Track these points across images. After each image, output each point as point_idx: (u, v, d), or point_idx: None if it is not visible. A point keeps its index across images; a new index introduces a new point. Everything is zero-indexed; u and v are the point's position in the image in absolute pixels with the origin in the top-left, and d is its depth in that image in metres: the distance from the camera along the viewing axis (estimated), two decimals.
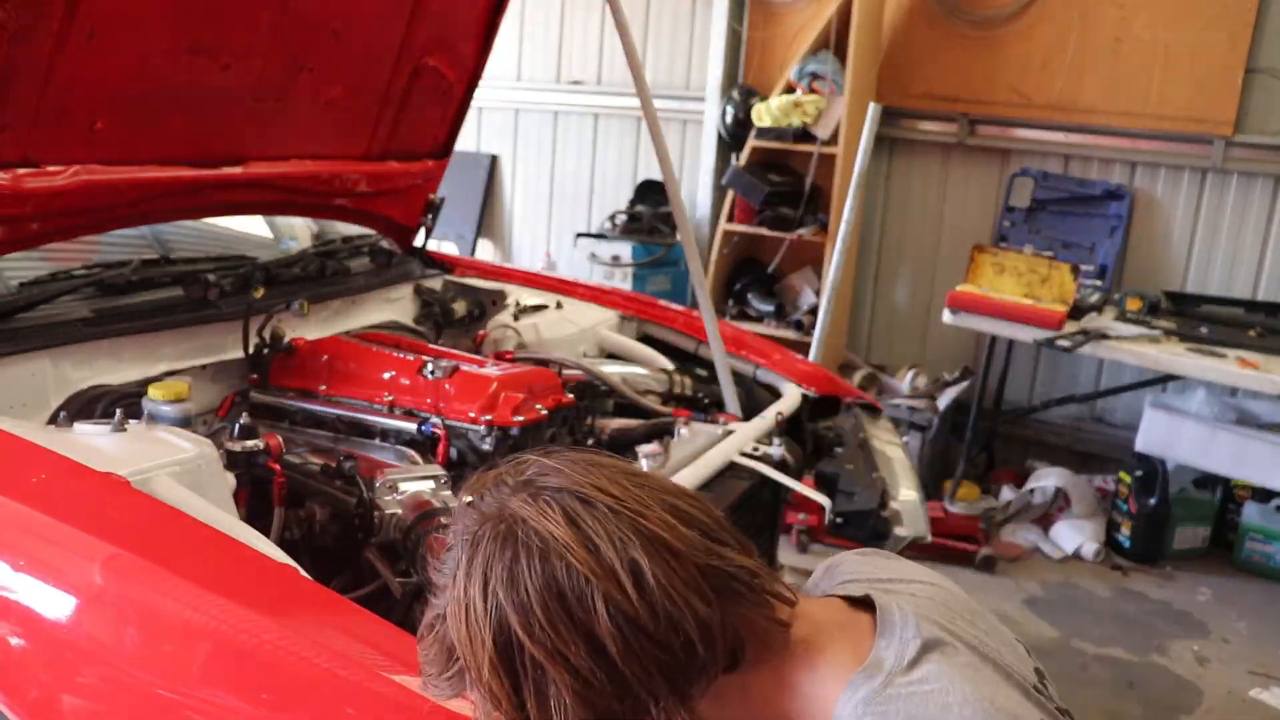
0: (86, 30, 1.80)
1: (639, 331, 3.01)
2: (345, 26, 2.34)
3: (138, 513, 1.42)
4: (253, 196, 2.44)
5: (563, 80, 5.95)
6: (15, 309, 1.97)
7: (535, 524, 0.90)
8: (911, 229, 5.15)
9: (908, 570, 1.15)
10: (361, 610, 1.31)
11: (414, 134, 2.78)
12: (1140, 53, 4.47)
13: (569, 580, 0.88)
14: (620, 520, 0.90)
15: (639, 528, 0.90)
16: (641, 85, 2.44)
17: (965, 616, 1.07)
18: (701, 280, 2.61)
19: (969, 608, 1.10)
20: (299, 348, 2.28)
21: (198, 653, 1.21)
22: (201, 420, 2.12)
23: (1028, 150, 4.82)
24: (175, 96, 2.08)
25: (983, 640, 1.03)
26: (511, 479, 0.97)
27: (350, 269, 2.76)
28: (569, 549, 0.88)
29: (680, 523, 0.93)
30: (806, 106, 4.81)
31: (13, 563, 1.33)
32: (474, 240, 6.24)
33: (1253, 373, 3.63)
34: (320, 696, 1.16)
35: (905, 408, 4.52)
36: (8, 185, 1.83)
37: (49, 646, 1.28)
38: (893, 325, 5.28)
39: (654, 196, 5.59)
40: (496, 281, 3.06)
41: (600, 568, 0.88)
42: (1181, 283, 4.60)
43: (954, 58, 4.83)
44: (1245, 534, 4.18)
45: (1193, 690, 3.27)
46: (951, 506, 4.26)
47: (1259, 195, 4.42)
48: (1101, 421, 4.85)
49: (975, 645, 1.01)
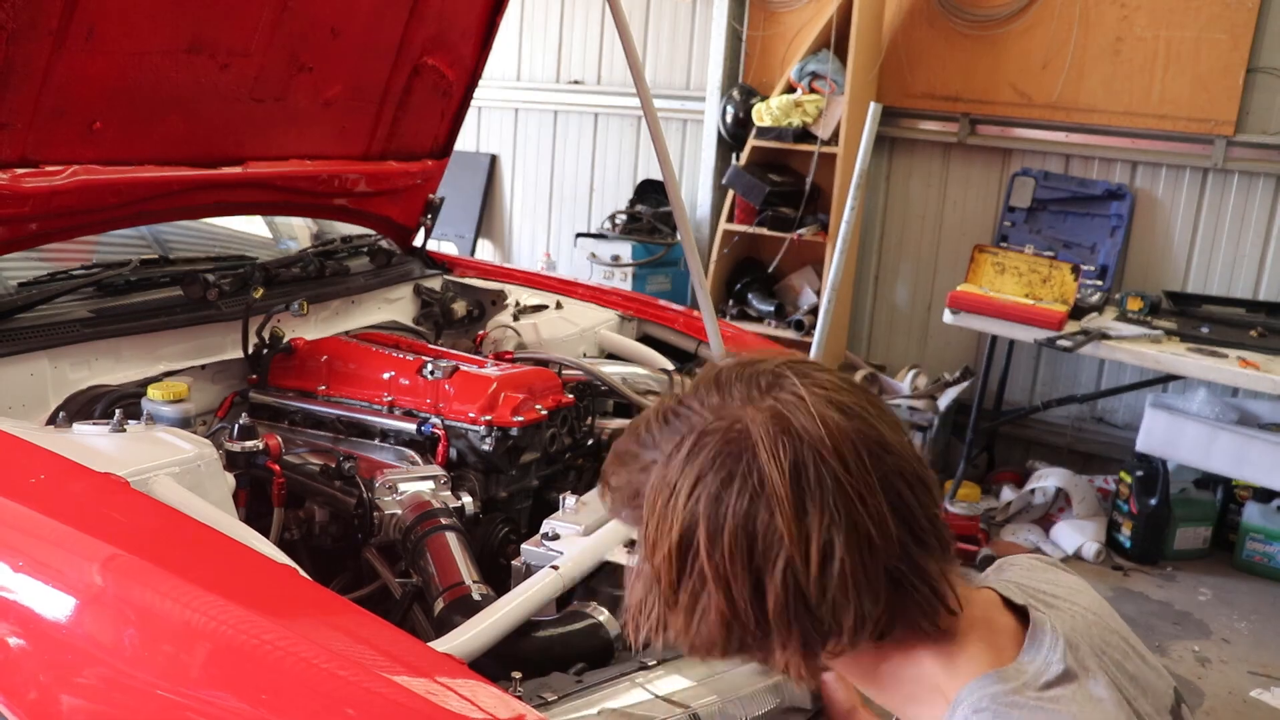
0: (85, 30, 1.80)
1: (639, 331, 3.01)
2: (344, 26, 2.33)
3: (137, 513, 1.42)
4: (252, 196, 2.43)
5: (563, 80, 5.95)
6: (14, 309, 1.97)
7: (761, 459, 0.91)
8: (911, 229, 5.15)
9: (1073, 590, 1.13)
10: (361, 610, 1.30)
11: (413, 134, 2.77)
12: (1141, 52, 4.47)
13: (765, 530, 0.90)
14: (840, 496, 0.90)
15: (852, 511, 0.90)
16: (641, 85, 2.44)
17: (1117, 649, 1.06)
18: (701, 280, 2.60)
19: (1122, 639, 1.09)
20: (298, 348, 2.27)
21: (197, 653, 1.21)
22: (201, 420, 2.11)
23: (1028, 150, 4.82)
24: (174, 96, 2.08)
25: (1123, 679, 1.03)
26: (764, 383, 0.96)
27: (350, 269, 2.75)
28: (780, 504, 0.90)
29: (894, 517, 0.93)
30: (806, 106, 4.81)
31: (12, 563, 1.32)
32: (474, 240, 6.23)
33: (1254, 373, 3.63)
34: (320, 696, 1.15)
35: (906, 408, 4.51)
36: (6, 185, 1.83)
37: (49, 647, 1.28)
38: (893, 325, 5.27)
39: (654, 196, 5.59)
40: (496, 281, 3.06)
41: (798, 534, 0.90)
42: (1182, 283, 4.59)
43: (954, 57, 4.83)
44: (1246, 534, 4.18)
45: (1193, 690, 3.26)
46: (952, 507, 4.26)
47: (1260, 195, 4.42)
48: (1102, 422, 4.85)
49: (1116, 681, 1.01)
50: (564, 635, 1.49)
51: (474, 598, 1.54)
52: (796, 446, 0.91)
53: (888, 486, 0.93)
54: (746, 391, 0.96)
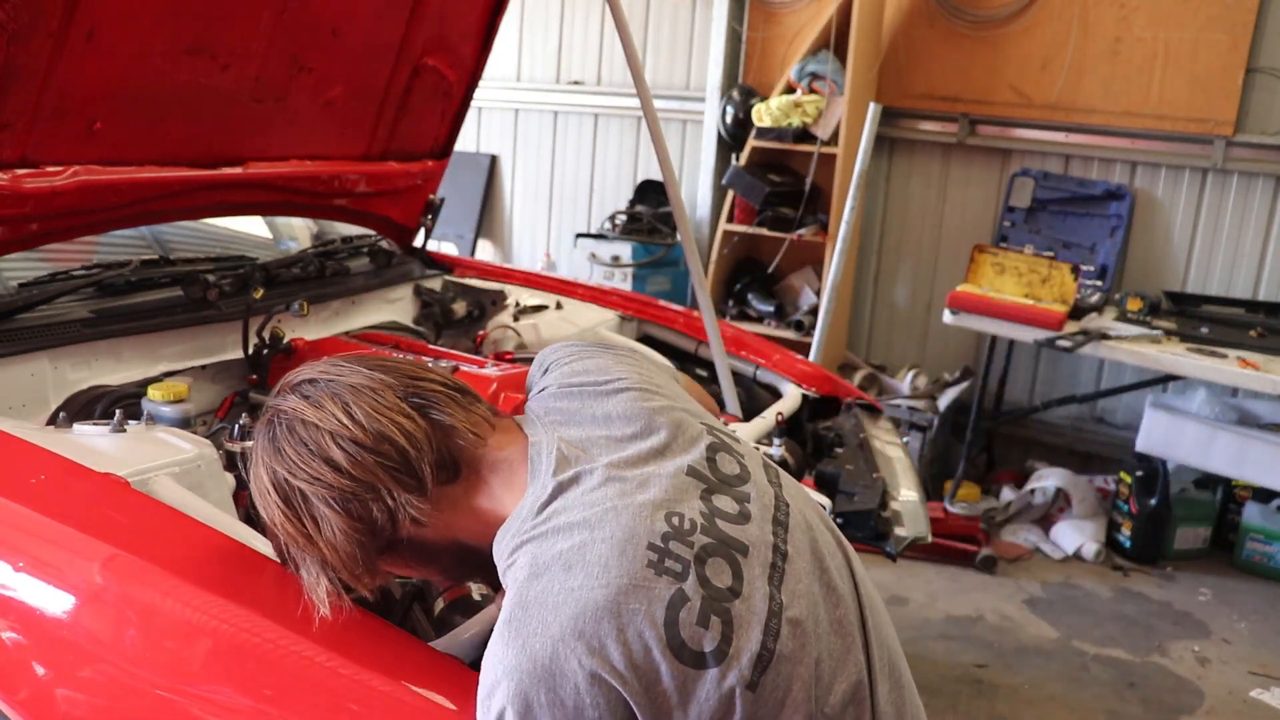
0: (86, 30, 1.80)
1: (639, 332, 3.01)
2: (345, 26, 2.34)
3: (137, 513, 1.42)
4: (252, 197, 2.43)
5: (563, 80, 5.95)
6: (15, 309, 1.97)
7: (280, 407, 1.21)
8: (911, 229, 5.15)
9: (608, 371, 1.32)
10: (362, 610, 1.30)
11: (414, 134, 2.77)
12: (1140, 52, 4.47)
13: (305, 429, 1.17)
14: (335, 385, 1.20)
15: (347, 384, 1.19)
16: (641, 85, 2.44)
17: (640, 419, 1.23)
18: (701, 280, 2.60)
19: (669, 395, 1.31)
20: (298, 348, 2.28)
21: (199, 650, 1.21)
22: (201, 421, 2.11)
23: (1028, 150, 4.82)
24: (174, 97, 2.08)
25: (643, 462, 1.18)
26: (290, 381, 1.24)
27: (350, 269, 2.76)
28: (301, 412, 1.18)
29: (383, 372, 1.22)
30: (806, 106, 4.81)
31: (13, 563, 1.32)
32: (474, 240, 6.24)
33: (1253, 373, 3.63)
34: (322, 694, 1.16)
35: (905, 408, 4.51)
36: (7, 185, 1.83)
37: (49, 647, 1.28)
38: (893, 325, 5.28)
39: (654, 196, 5.59)
40: (496, 282, 3.06)
41: (323, 413, 1.17)
42: (1182, 283, 4.60)
43: (954, 58, 4.83)
44: (1246, 534, 4.18)
45: (1193, 691, 3.26)
46: (952, 507, 4.26)
47: (1260, 195, 4.42)
48: (1102, 422, 4.85)
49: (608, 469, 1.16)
50: None
51: (474, 598, 1.54)
52: (298, 387, 1.21)
53: (375, 365, 1.23)
54: (276, 391, 1.25)
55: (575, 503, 1.12)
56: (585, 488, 1.14)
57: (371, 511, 1.16)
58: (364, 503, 1.16)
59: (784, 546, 1.17)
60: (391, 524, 1.17)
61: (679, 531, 1.10)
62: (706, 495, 1.17)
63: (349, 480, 1.15)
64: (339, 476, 1.15)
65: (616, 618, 1.02)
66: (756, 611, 1.08)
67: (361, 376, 1.21)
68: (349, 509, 1.16)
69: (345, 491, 1.15)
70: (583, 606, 1.02)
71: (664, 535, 1.09)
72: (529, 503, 1.14)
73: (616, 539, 1.07)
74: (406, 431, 1.17)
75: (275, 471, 1.18)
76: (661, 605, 1.04)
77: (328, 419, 1.17)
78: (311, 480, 1.16)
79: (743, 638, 1.06)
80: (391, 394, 1.19)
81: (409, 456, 1.16)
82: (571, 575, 1.05)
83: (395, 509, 1.16)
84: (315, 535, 1.17)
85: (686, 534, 1.10)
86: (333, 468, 1.15)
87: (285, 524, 1.19)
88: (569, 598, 1.03)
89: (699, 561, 1.08)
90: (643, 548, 1.07)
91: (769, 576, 1.12)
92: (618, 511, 1.10)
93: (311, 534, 1.18)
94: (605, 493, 1.13)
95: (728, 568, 1.10)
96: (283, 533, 1.20)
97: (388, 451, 1.15)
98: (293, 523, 1.18)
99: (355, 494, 1.15)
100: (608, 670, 1.00)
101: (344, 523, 1.16)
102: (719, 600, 1.06)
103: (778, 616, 1.09)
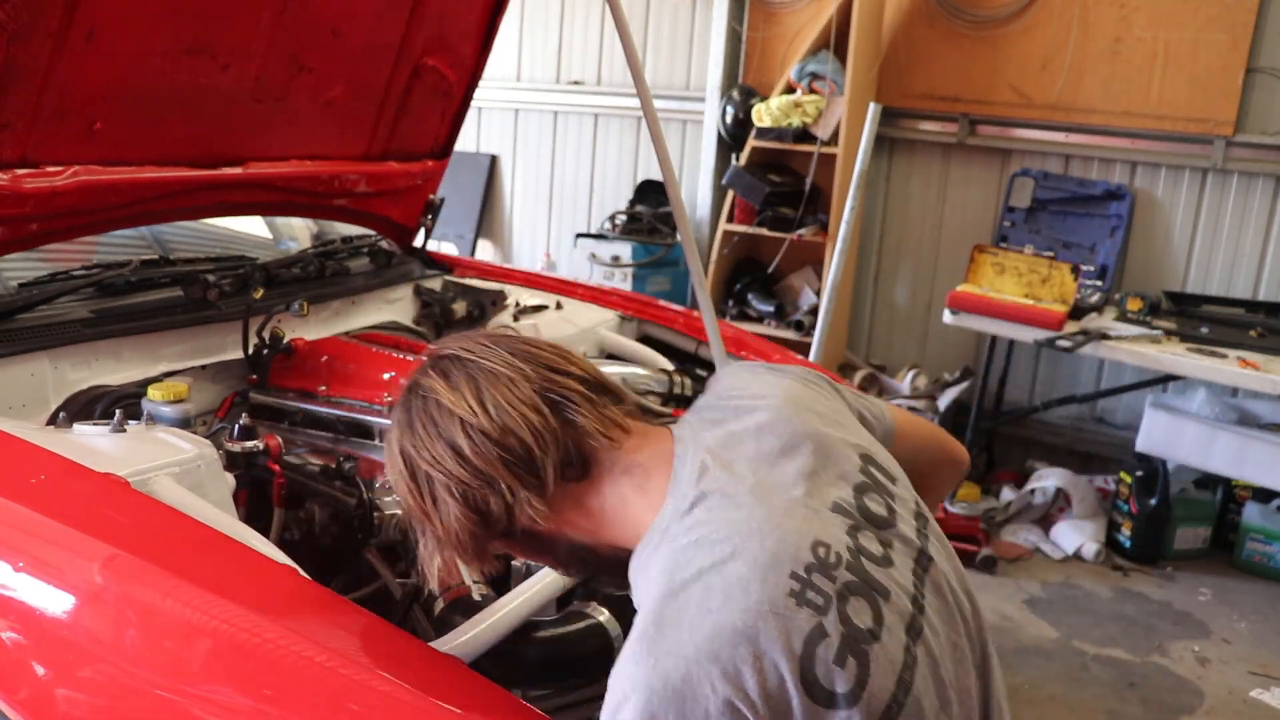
0: (86, 31, 1.80)
1: (639, 332, 3.01)
2: (345, 26, 2.33)
3: (137, 513, 1.42)
4: (252, 197, 2.43)
5: (563, 80, 5.96)
6: (15, 309, 1.97)
7: (420, 382, 1.21)
8: (911, 229, 5.15)
9: (762, 388, 1.27)
10: (361, 610, 1.31)
11: (414, 134, 2.77)
12: (1140, 52, 4.47)
13: (438, 410, 1.17)
14: (474, 367, 1.19)
15: (487, 369, 1.18)
16: (641, 85, 2.44)
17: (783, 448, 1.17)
18: (701, 280, 2.60)
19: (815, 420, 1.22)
20: (298, 348, 2.27)
21: (199, 650, 1.21)
22: (201, 421, 2.11)
23: (1028, 150, 4.82)
24: (174, 97, 2.08)
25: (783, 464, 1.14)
26: (431, 353, 1.25)
27: (350, 269, 2.75)
28: (437, 391, 1.18)
29: (524, 361, 1.20)
30: (806, 106, 4.81)
31: (13, 563, 1.32)
32: (474, 240, 6.24)
33: (1253, 373, 3.63)
34: (323, 693, 1.15)
35: (905, 408, 4.51)
36: (7, 185, 1.83)
37: (49, 647, 1.28)
38: (893, 325, 5.28)
39: (654, 196, 5.60)
40: (496, 282, 3.06)
41: (457, 396, 1.17)
42: (1182, 283, 4.60)
43: (954, 58, 4.83)
44: (1246, 534, 4.18)
45: (1193, 691, 3.26)
46: (952, 507, 4.26)
47: (1259, 195, 4.42)
48: (1102, 422, 4.85)
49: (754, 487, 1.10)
50: (564, 635, 1.49)
51: (474, 598, 1.54)
52: (440, 365, 1.21)
53: (518, 352, 1.21)
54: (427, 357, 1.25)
55: (719, 518, 1.06)
56: (730, 503, 1.08)
57: (489, 504, 1.15)
58: (482, 495, 1.15)
59: (922, 600, 1.11)
60: (508, 518, 1.16)
61: (824, 564, 1.04)
62: (853, 531, 1.10)
63: (468, 470, 1.14)
64: (460, 464, 1.15)
65: (754, 644, 0.97)
66: (893, 660, 1.03)
67: (502, 362, 1.19)
68: (466, 498, 1.16)
69: (463, 481, 1.15)
70: (719, 629, 0.98)
71: (808, 566, 1.03)
72: (670, 511, 1.10)
73: (760, 562, 1.02)
74: (534, 428, 1.14)
75: (404, 446, 1.19)
76: (800, 637, 0.98)
77: (460, 403, 1.16)
78: (433, 463, 1.16)
79: (877, 684, 1.00)
80: (528, 386, 1.17)
81: (533, 454, 1.14)
82: (710, 595, 1.00)
83: (513, 504, 1.15)
84: (433, 514, 1.19)
85: (831, 567, 1.04)
86: (455, 453, 1.15)
87: (408, 496, 1.21)
88: (706, 619, 0.98)
89: (841, 598, 1.02)
90: (786, 575, 1.01)
91: (906, 627, 1.07)
92: (763, 535, 1.04)
93: (429, 512, 1.19)
94: (751, 513, 1.07)
95: (869, 609, 1.04)
96: (406, 504, 1.22)
97: (512, 446, 1.14)
98: (414, 497, 1.20)
99: (473, 485, 1.15)
100: (741, 698, 0.96)
101: (460, 510, 1.16)
102: (859, 641, 1.01)
103: (911, 670, 1.04)
